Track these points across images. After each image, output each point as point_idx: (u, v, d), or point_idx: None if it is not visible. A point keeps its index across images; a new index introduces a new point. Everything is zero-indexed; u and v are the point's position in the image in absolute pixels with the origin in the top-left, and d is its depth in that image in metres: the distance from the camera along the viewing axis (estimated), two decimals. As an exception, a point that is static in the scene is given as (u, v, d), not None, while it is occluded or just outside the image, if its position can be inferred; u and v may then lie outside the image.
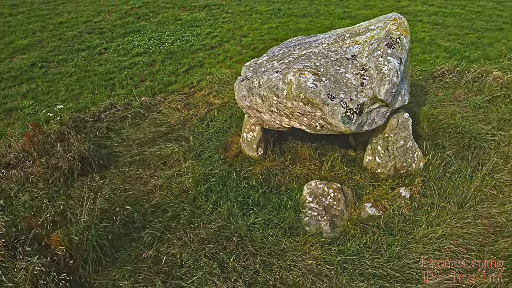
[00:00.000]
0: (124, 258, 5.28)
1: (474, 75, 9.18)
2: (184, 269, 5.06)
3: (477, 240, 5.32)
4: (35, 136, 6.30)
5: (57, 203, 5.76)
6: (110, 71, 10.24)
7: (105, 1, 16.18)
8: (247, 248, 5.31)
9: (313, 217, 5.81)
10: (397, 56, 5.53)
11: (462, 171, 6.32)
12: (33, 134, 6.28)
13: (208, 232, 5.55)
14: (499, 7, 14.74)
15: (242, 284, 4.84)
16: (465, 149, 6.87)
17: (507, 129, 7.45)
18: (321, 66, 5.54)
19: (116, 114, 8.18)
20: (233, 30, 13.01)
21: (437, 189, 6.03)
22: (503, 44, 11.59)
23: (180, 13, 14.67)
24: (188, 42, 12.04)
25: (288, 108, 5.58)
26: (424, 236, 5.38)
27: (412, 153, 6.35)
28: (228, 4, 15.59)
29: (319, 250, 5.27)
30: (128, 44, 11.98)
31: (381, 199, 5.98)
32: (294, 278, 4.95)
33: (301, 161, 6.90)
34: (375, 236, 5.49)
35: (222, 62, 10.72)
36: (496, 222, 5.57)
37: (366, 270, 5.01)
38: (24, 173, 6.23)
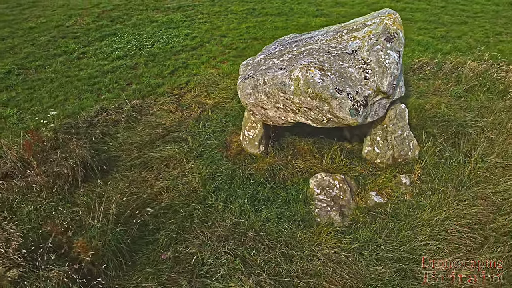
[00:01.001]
0: (143, 261, 5.26)
1: (451, 67, 9.70)
2: (206, 267, 5.10)
3: (478, 220, 5.68)
4: (34, 144, 6.11)
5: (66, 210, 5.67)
6: (93, 76, 10.03)
7: (74, 5, 15.74)
8: (265, 242, 5.42)
9: (323, 208, 5.99)
10: (396, 50, 5.81)
11: (455, 156, 6.69)
12: (32, 142, 6.10)
13: (224, 229, 5.62)
14: (461, 2, 15.55)
15: (266, 277, 4.94)
16: (453, 136, 7.27)
17: (488, 115, 7.94)
18: (324, 61, 5.73)
19: (109, 119, 8.05)
20: (211, 30, 13.03)
21: (435, 174, 6.37)
22: (470, 36, 12.27)
23: (155, 15, 14.52)
24: (168, 43, 11.96)
25: (295, 103, 5.73)
26: (430, 219, 5.68)
27: (408, 142, 6.67)
28: (202, 5, 15.56)
29: (334, 239, 5.47)
30: (106, 47, 11.75)
31: (385, 187, 6.25)
32: (315, 267, 5.11)
33: (302, 155, 7.08)
34: (384, 222, 5.74)
35: (206, 62, 10.74)
36: (492, 202, 5.96)
37: (382, 255, 5.24)
38: (25, 182, 6.04)
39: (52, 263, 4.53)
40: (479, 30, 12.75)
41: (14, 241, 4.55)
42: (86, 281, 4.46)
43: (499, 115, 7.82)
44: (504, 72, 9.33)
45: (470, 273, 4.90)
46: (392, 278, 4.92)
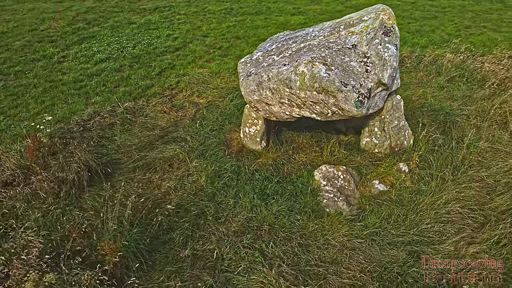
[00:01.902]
0: (161, 261, 5.28)
1: (430, 59, 10.16)
2: (227, 262, 5.18)
3: (476, 201, 6.04)
4: (36, 150, 5.98)
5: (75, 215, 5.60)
6: (79, 80, 9.83)
7: (44, 8, 15.29)
8: (280, 235, 5.55)
9: (330, 199, 6.18)
10: (393, 43, 6.08)
11: (448, 143, 7.05)
12: (35, 148, 5.95)
13: (238, 225, 5.70)
14: (430, -2, 16.24)
15: (286, 267, 5.08)
16: (443, 125, 7.65)
17: (470, 104, 8.39)
18: (327, 56, 5.92)
19: (103, 122, 7.94)
20: (192, 30, 13.01)
21: (431, 161, 6.69)
22: (442, 30, 12.86)
23: (132, 17, 14.33)
24: (151, 45, 11.85)
25: (300, 98, 5.89)
26: (432, 203, 5.99)
27: (404, 132, 6.97)
28: (178, 6, 15.49)
29: (345, 228, 5.67)
30: (87, 50, 11.51)
31: (387, 175, 6.52)
32: (332, 255, 5.29)
33: (302, 149, 7.26)
34: (390, 209, 5.99)
35: (192, 62, 10.74)
36: (486, 184, 6.34)
37: (393, 239, 5.49)
38: (30, 189, 5.90)
39: (76, 267, 4.49)
40: (450, 24, 13.38)
41: (34, 248, 4.46)
42: (115, 282, 4.44)
43: (481, 103, 8.28)
44: (480, 63, 9.87)
45: (477, 250, 5.22)
46: (406, 260, 5.17)
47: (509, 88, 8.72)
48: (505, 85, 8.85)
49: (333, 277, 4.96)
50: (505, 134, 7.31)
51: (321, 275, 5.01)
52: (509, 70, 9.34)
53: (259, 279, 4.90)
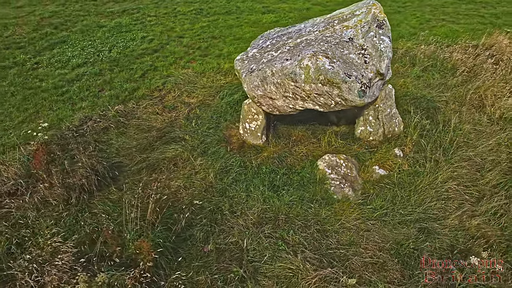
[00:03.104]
0: (186, 257, 5.33)
1: (403, 51, 10.76)
2: (251, 253, 5.33)
3: (469, 178, 6.54)
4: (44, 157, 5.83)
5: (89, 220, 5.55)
6: (59, 85, 9.54)
7: (4, 14, 14.59)
8: (297, 223, 5.77)
9: (337, 186, 6.47)
10: (387, 35, 6.45)
11: (435, 128, 7.55)
12: (42, 155, 5.80)
13: (255, 217, 5.86)
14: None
15: (309, 253, 5.30)
16: (426, 111, 8.15)
17: (446, 91, 9.00)
18: (328, 50, 6.20)
19: (96, 126, 7.80)
20: (166, 32, 12.94)
21: (423, 145, 7.15)
22: (407, 24, 13.60)
23: (100, 20, 14.00)
24: (127, 47, 11.68)
25: (305, 91, 6.13)
26: (430, 183, 6.42)
27: (395, 119, 7.40)
28: (147, 7, 15.30)
29: (356, 212, 5.98)
30: (60, 56, 11.16)
31: (385, 160, 6.90)
32: (349, 237, 5.57)
33: (300, 142, 7.51)
34: (393, 191, 6.36)
35: (174, 63, 10.71)
36: (474, 162, 6.87)
37: (402, 218, 5.85)
38: (39, 197, 5.75)
39: (110, 269, 4.48)
40: (412, 18, 14.14)
41: (66, 253, 4.40)
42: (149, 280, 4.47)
43: (456, 89, 8.91)
44: (449, 53, 10.56)
45: (479, 222, 5.68)
46: (417, 236, 5.55)
47: (478, 74, 9.42)
48: (474, 72, 9.55)
49: (355, 258, 5.23)
50: (484, 116, 7.93)
51: (343, 257, 5.27)
52: (475, 59, 10.08)
53: (286, 266, 5.09)
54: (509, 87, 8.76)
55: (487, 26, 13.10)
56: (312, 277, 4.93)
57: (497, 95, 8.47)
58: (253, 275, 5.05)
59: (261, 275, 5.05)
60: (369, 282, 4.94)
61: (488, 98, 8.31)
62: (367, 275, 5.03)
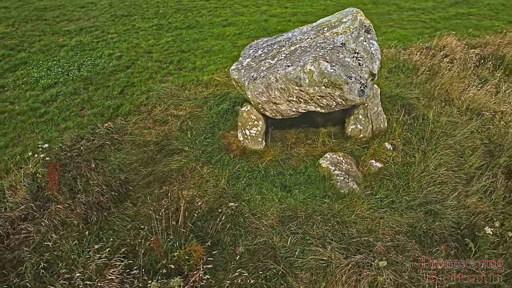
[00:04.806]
0: (220, 260, 5.43)
1: (367, 55, 11.55)
2: (282, 250, 5.56)
3: (455, 163, 7.26)
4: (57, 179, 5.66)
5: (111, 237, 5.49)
6: (35, 107, 9.18)
7: None
8: (316, 218, 6.10)
9: (342, 181, 6.89)
10: (374, 39, 7.05)
11: (415, 122, 8.27)
12: (56, 176, 5.63)
13: (275, 216, 6.11)
14: (337, 4, 18.13)
15: (336, 244, 5.64)
16: (402, 107, 8.89)
17: (414, 88, 9.85)
18: (326, 55, 6.65)
19: (91, 145, 7.63)
20: (132, 48, 12.83)
21: (409, 138, 7.81)
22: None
23: (58, 39, 13.55)
24: (96, 65, 11.45)
25: (309, 94, 6.52)
26: (424, 171, 7.04)
27: (381, 116, 8.02)
28: (104, 25, 15.04)
29: (366, 203, 6.42)
30: (26, 77, 10.70)
31: (380, 153, 7.45)
32: (366, 226, 5.99)
33: (296, 144, 7.88)
34: (392, 181, 6.90)
35: (150, 78, 10.69)
36: (456, 149, 7.63)
37: (408, 204, 6.39)
38: (59, 218, 5.57)
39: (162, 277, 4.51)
40: (364, 25, 15.15)
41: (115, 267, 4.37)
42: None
43: (423, 87, 9.79)
44: (407, 55, 11.54)
45: (474, 201, 6.36)
46: (426, 218, 6.10)
47: (438, 72, 10.42)
48: (434, 71, 10.54)
49: (377, 243, 5.65)
50: (454, 109, 8.80)
51: (367, 244, 5.67)
52: (432, 59, 11.13)
53: (318, 258, 5.39)
54: (467, 82, 9.81)
55: (431, 30, 14.46)
56: (345, 264, 5.27)
57: (459, 90, 9.44)
58: (290, 269, 5.29)
59: (297, 269, 5.30)
60: (396, 263, 5.37)
61: (453, 93, 9.24)
62: (393, 257, 5.46)
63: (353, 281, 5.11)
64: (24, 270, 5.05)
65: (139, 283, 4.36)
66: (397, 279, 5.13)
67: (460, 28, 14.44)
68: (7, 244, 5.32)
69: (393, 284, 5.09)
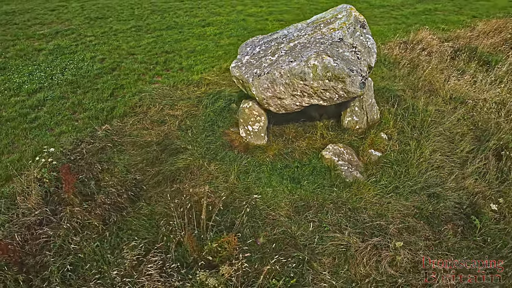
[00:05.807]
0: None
1: (349, 51, 11.95)
2: (302, 238, 5.75)
3: (448, 148, 7.71)
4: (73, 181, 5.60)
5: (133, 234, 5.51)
6: (24, 113, 8.93)
7: None
8: (328, 206, 6.34)
9: (346, 171, 7.18)
10: (370, 34, 7.37)
11: (405, 112, 8.69)
12: (72, 179, 5.57)
13: (289, 206, 6.30)
14: (311, 2, 18.55)
15: (351, 229, 5.91)
16: (390, 99, 9.31)
17: (399, 81, 10.32)
18: (326, 49, 6.91)
19: (92, 148, 7.54)
20: (114, 50, 12.66)
21: (403, 127, 8.20)
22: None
23: (34, 43, 13.16)
24: (80, 68, 11.23)
25: (313, 88, 6.75)
26: (421, 157, 7.43)
27: (374, 107, 8.37)
28: (80, 28, 14.72)
29: (372, 190, 6.73)
30: (8, 83, 10.36)
31: (378, 143, 7.79)
32: (376, 211, 6.29)
33: (296, 138, 8.10)
34: (392, 169, 7.25)
35: (139, 79, 10.61)
36: (446, 136, 8.10)
37: (411, 188, 6.74)
38: (78, 221, 5.52)
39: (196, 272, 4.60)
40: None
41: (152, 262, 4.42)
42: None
43: (407, 79, 10.27)
44: (387, 49, 12.04)
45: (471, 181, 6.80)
46: (430, 200, 6.47)
47: (418, 65, 10.95)
48: (414, 63, 11.07)
49: (390, 226, 5.96)
50: (439, 98, 9.30)
51: (380, 227, 5.96)
52: (411, 52, 11.66)
53: (338, 243, 5.63)
54: (446, 73, 10.38)
55: (403, 25, 15.10)
56: (364, 247, 5.54)
57: (441, 80, 9.98)
58: (313, 256, 5.49)
59: (319, 255, 5.51)
60: (410, 243, 5.69)
61: (436, 83, 9.76)
62: (406, 238, 5.78)
63: (374, 262, 5.38)
64: (50, 274, 4.99)
65: (178, 276, 4.42)
66: (413, 258, 5.44)
67: (429, 23, 15.18)
68: (28, 249, 5.22)
69: (410, 262, 5.40)
